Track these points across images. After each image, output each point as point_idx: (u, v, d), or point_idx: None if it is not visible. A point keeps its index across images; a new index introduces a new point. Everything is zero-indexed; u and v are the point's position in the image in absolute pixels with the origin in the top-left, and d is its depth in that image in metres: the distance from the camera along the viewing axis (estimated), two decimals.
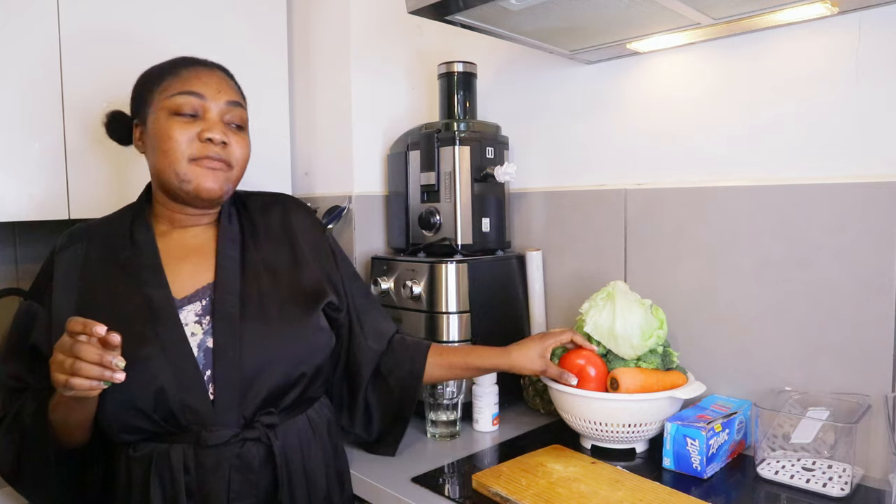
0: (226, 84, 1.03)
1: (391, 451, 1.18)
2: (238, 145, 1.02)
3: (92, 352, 0.78)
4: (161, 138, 0.98)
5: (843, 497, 0.97)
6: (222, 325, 0.97)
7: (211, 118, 0.99)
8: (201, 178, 0.98)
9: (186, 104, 0.98)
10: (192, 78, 1.00)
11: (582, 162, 1.44)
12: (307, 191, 1.69)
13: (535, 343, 1.16)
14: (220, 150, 0.99)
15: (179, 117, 0.98)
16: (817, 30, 1.10)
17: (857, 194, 1.06)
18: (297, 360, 1.00)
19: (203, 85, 1.00)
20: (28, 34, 1.24)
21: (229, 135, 1.00)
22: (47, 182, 1.28)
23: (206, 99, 0.99)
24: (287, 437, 1.00)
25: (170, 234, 1.04)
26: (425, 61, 1.68)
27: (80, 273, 0.98)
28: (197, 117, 0.99)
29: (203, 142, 0.98)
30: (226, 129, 1.00)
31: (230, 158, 1.01)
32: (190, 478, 0.93)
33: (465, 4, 1.02)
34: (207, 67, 1.04)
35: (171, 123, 0.98)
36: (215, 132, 0.98)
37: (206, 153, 0.98)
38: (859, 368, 1.07)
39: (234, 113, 1.02)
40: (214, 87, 1.00)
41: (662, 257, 1.31)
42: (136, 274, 0.98)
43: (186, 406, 0.92)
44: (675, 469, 1.07)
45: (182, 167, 0.97)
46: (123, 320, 0.92)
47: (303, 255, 1.09)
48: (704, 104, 1.25)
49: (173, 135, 0.97)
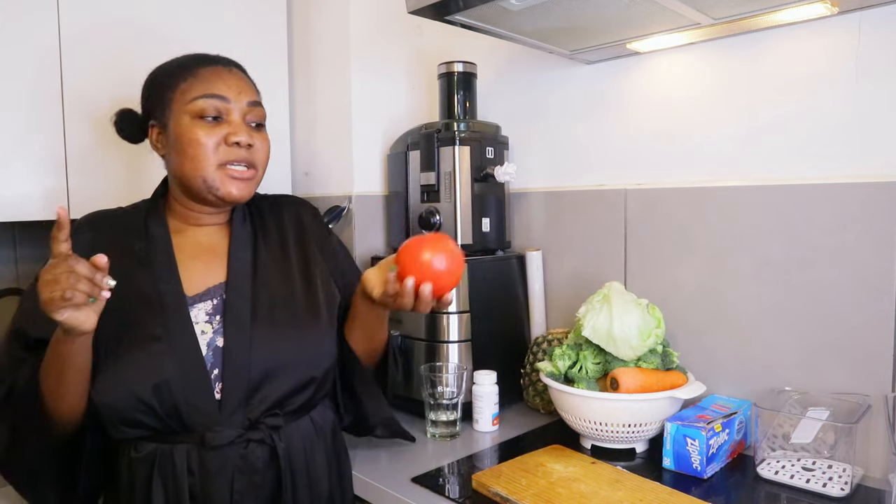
0: (245, 83, 1.03)
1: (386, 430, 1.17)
2: (262, 145, 1.02)
3: (83, 268, 0.79)
4: (187, 143, 0.97)
5: (843, 497, 0.97)
6: (232, 327, 0.97)
7: (235, 121, 0.99)
8: (229, 185, 0.99)
9: (210, 108, 0.97)
10: (214, 79, 0.99)
11: (582, 162, 1.44)
12: (307, 191, 1.69)
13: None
14: (247, 152, 0.99)
15: (204, 121, 0.97)
16: (817, 30, 1.10)
17: (857, 194, 1.06)
18: (307, 364, 1.00)
19: (225, 87, 0.99)
20: (28, 34, 1.24)
21: (253, 136, 1.00)
22: (47, 182, 1.28)
23: (230, 101, 0.98)
24: (291, 438, 1.00)
25: (184, 232, 1.04)
26: (425, 61, 1.68)
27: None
28: (220, 120, 0.98)
29: (230, 146, 0.98)
30: (250, 131, 1.00)
31: (255, 160, 1.01)
32: (193, 479, 0.93)
33: (465, 4, 1.02)
34: (226, 66, 1.03)
35: (196, 128, 0.97)
36: (242, 136, 0.98)
37: (233, 157, 0.98)
38: (859, 368, 1.07)
39: (256, 112, 1.02)
40: (236, 89, 1.00)
41: (662, 257, 1.31)
42: (149, 267, 0.98)
43: (191, 403, 0.92)
44: (675, 469, 1.07)
45: (210, 173, 0.98)
46: (134, 311, 0.93)
47: (314, 259, 1.09)
48: (704, 104, 1.25)
49: (200, 140, 0.97)
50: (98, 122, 1.33)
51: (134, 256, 0.99)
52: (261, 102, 1.04)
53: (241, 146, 0.98)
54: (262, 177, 1.05)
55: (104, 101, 1.34)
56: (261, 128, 1.04)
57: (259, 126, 1.03)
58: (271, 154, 1.06)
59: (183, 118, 0.98)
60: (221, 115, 0.98)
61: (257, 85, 1.07)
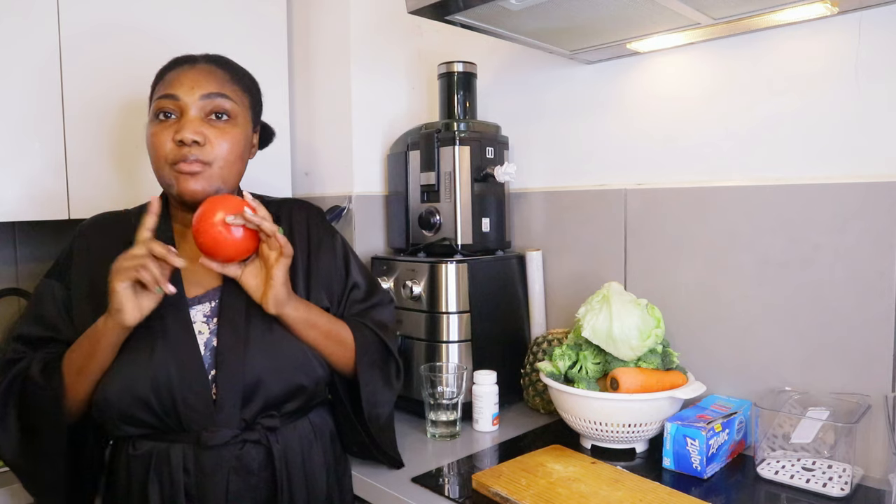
0: (205, 76, 1.00)
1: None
2: (218, 139, 0.98)
3: (159, 247, 0.89)
4: (147, 145, 1.00)
5: (843, 497, 0.97)
6: (227, 329, 0.97)
7: (187, 118, 0.97)
8: (181, 182, 0.98)
9: (163, 107, 0.98)
10: (173, 80, 1.00)
11: (582, 162, 1.44)
12: (307, 191, 1.69)
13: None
14: (195, 150, 0.97)
15: (160, 121, 0.99)
16: (817, 30, 1.10)
17: (857, 194, 1.06)
18: (298, 371, 0.99)
19: (178, 84, 0.98)
20: (28, 34, 1.24)
21: (206, 131, 0.97)
22: (47, 182, 1.28)
23: (180, 98, 0.98)
24: (288, 440, 1.00)
25: (185, 234, 1.04)
26: (425, 61, 1.68)
27: (98, 259, 0.99)
28: (174, 118, 0.98)
29: (177, 144, 0.97)
30: (201, 126, 0.97)
31: (207, 157, 0.97)
32: (189, 479, 0.93)
33: (465, 4, 1.02)
34: (190, 64, 1.02)
35: (153, 129, 0.99)
36: (185, 132, 0.96)
37: (181, 156, 0.96)
38: (859, 368, 1.07)
39: (215, 104, 0.99)
40: (189, 84, 0.98)
41: (662, 257, 1.31)
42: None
43: (188, 403, 0.92)
44: (675, 469, 1.07)
45: (164, 172, 0.99)
46: None
47: (314, 264, 1.08)
48: (704, 104, 1.25)
49: (153, 140, 0.99)
50: (98, 122, 1.33)
51: None
52: (225, 94, 1.00)
53: (186, 143, 0.96)
54: (228, 170, 1.00)
55: (104, 101, 1.34)
56: (227, 120, 1.00)
57: (224, 118, 1.00)
58: (271, 154, 1.05)
59: (149, 121, 1.01)
60: (175, 114, 0.98)
61: (253, 77, 1.06)
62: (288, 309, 0.98)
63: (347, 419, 1.10)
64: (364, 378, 1.06)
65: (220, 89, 1.00)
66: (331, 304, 1.08)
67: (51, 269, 1.03)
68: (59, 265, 1.02)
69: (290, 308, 0.98)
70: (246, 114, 1.04)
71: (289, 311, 0.98)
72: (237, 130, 1.01)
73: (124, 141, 1.36)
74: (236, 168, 1.02)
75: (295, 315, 0.98)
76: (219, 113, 1.00)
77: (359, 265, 1.15)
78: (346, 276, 1.12)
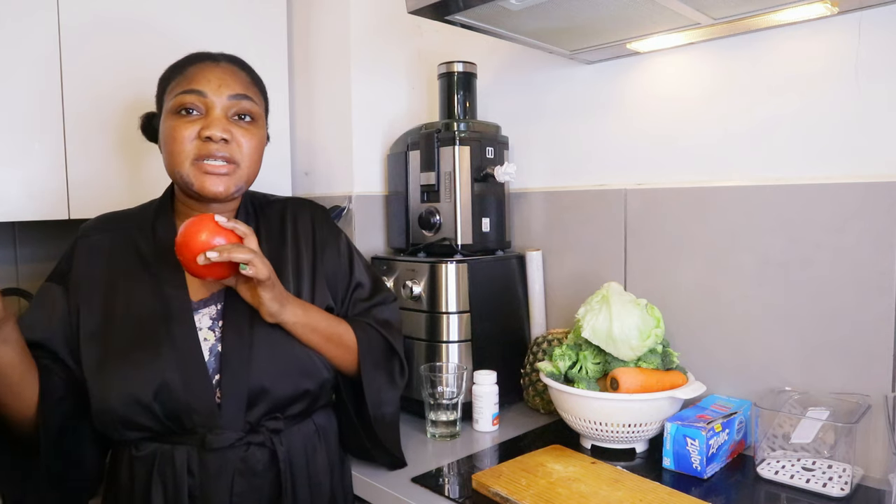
0: (231, 77, 1.00)
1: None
2: (245, 139, 0.99)
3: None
4: (167, 139, 0.97)
5: (843, 497, 0.97)
6: (231, 332, 0.96)
7: (213, 115, 0.97)
8: (203, 181, 0.96)
9: (188, 102, 0.96)
10: (197, 75, 0.98)
11: (582, 162, 1.44)
12: (307, 191, 1.69)
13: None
14: (223, 147, 0.96)
15: (182, 116, 0.97)
16: (817, 30, 1.10)
17: (857, 194, 1.06)
18: (302, 373, 0.99)
19: (205, 81, 0.97)
20: (28, 34, 1.24)
21: (233, 130, 0.97)
22: (47, 182, 1.28)
23: (208, 95, 0.97)
24: (293, 442, 0.99)
25: None
26: (425, 61, 1.68)
27: (101, 260, 0.99)
28: (199, 115, 0.97)
29: (203, 140, 0.96)
30: (228, 125, 0.97)
31: (234, 155, 0.98)
32: (193, 480, 0.93)
33: (465, 4, 1.02)
34: (213, 61, 1.01)
35: (174, 123, 0.97)
36: (214, 129, 0.95)
37: (207, 152, 0.96)
38: (859, 368, 1.07)
39: (241, 106, 0.99)
40: (216, 82, 0.98)
41: (662, 257, 1.31)
42: (156, 271, 0.98)
43: (192, 408, 0.92)
44: (675, 469, 1.07)
45: (185, 168, 0.96)
46: (139, 315, 0.93)
47: (319, 265, 1.08)
48: (704, 104, 1.25)
49: (175, 135, 0.96)
50: (99, 122, 1.33)
51: (142, 259, 0.99)
52: (250, 96, 1.00)
53: (214, 140, 0.95)
54: (251, 172, 1.01)
55: (105, 101, 1.34)
56: (251, 121, 1.01)
57: (247, 119, 1.00)
58: (271, 154, 1.05)
59: (167, 115, 0.98)
60: (199, 110, 0.97)
61: (262, 80, 1.06)
62: (285, 317, 0.97)
63: (349, 420, 1.10)
64: (367, 379, 1.06)
65: (246, 91, 1.01)
66: (335, 303, 1.08)
67: (52, 272, 1.02)
68: (61, 268, 1.02)
69: (288, 315, 0.97)
70: (263, 117, 1.05)
71: (286, 318, 0.97)
72: (260, 132, 1.03)
73: (125, 141, 1.36)
74: (257, 169, 1.03)
75: (294, 321, 0.98)
76: (242, 114, 1.00)
77: (363, 264, 1.15)
78: (350, 276, 1.12)
